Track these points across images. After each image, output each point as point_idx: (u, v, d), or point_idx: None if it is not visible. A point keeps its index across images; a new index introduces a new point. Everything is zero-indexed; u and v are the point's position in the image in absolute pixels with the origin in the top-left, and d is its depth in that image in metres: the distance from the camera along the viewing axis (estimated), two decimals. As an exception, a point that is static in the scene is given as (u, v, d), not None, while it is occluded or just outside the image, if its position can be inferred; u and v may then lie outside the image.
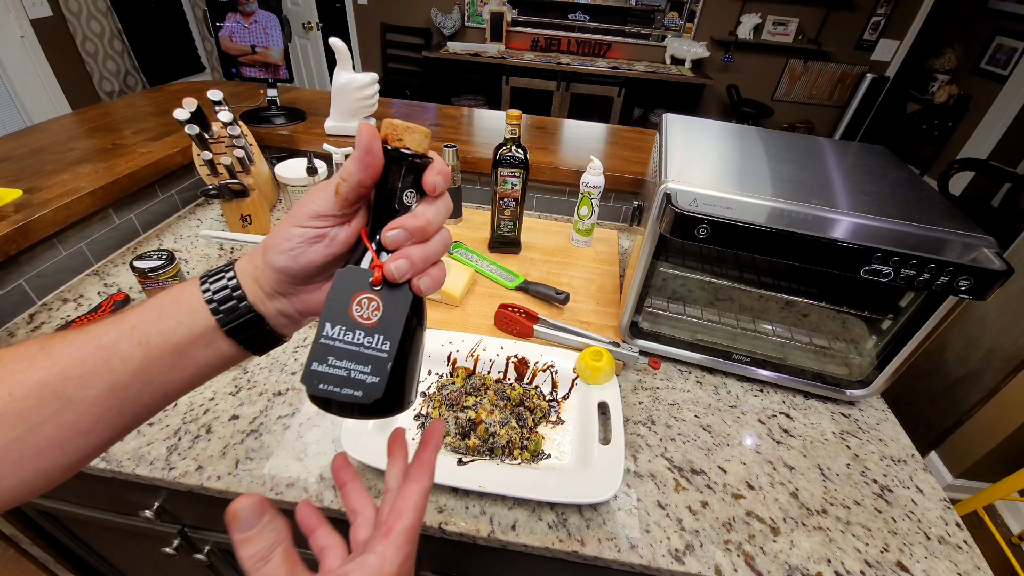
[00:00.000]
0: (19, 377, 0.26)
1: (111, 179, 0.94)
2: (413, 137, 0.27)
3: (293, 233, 0.28)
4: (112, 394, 0.27)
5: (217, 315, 0.29)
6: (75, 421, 0.26)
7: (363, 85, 1.19)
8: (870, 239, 0.60)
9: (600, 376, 0.71)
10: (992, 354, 1.59)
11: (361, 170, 0.27)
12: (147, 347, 0.27)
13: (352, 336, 0.27)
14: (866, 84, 3.77)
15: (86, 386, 0.26)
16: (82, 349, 0.27)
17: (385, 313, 0.27)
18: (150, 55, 3.01)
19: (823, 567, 0.57)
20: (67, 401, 0.26)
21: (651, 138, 1.41)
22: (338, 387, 0.27)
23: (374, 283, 0.27)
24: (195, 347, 0.28)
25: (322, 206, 0.28)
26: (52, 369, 0.26)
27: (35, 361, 0.26)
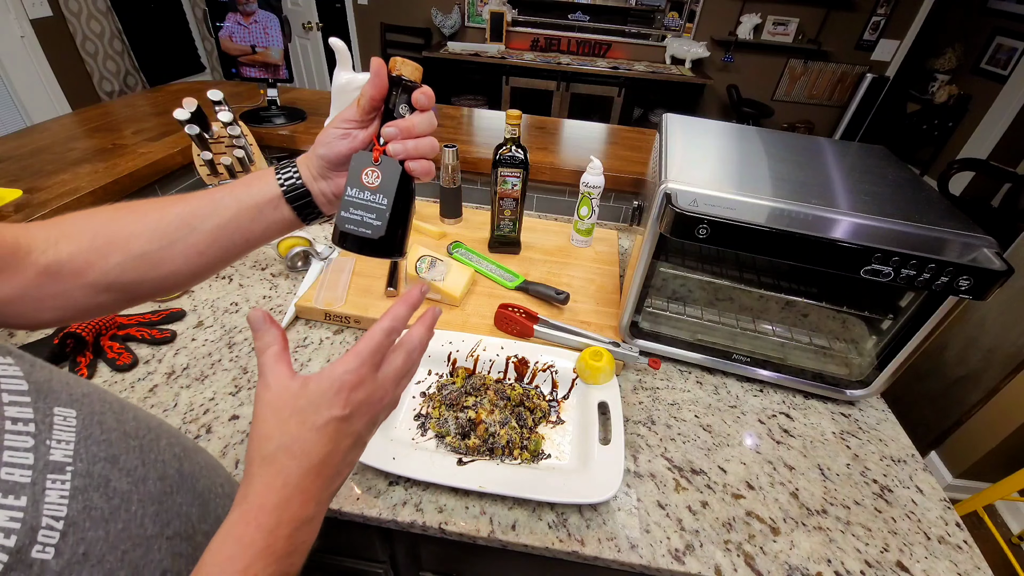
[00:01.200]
0: (167, 209, 0.40)
1: (111, 179, 0.94)
2: (407, 68, 0.40)
3: (331, 132, 0.42)
4: (217, 230, 0.41)
5: (282, 187, 0.42)
6: (196, 243, 0.40)
7: (363, 85, 1.19)
8: (870, 239, 0.60)
9: (600, 376, 0.71)
10: (992, 354, 1.59)
11: (371, 87, 0.39)
12: (239, 202, 0.41)
13: (363, 194, 0.40)
14: (866, 84, 3.77)
15: (205, 221, 0.40)
16: (204, 199, 0.41)
17: (383, 180, 0.40)
18: (150, 55, 3.00)
19: (823, 567, 0.57)
20: (192, 229, 0.40)
21: (651, 138, 1.41)
22: (355, 227, 0.41)
23: (374, 160, 0.40)
24: (268, 207, 0.42)
25: (349, 114, 0.41)
26: (186, 207, 0.40)
27: (176, 202, 0.41)
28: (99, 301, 0.40)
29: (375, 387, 0.35)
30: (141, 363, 0.75)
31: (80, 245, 0.38)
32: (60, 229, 0.39)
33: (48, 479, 0.27)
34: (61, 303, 0.39)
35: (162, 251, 0.40)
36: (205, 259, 0.41)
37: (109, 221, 0.40)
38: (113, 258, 0.39)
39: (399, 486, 0.61)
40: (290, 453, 0.31)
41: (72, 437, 0.30)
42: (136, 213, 0.40)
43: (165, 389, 0.71)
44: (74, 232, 0.39)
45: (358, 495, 0.60)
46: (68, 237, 0.38)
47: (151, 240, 0.39)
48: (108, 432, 0.33)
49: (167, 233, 0.40)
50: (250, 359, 0.77)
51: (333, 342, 0.82)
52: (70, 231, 0.39)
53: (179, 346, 0.79)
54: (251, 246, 0.43)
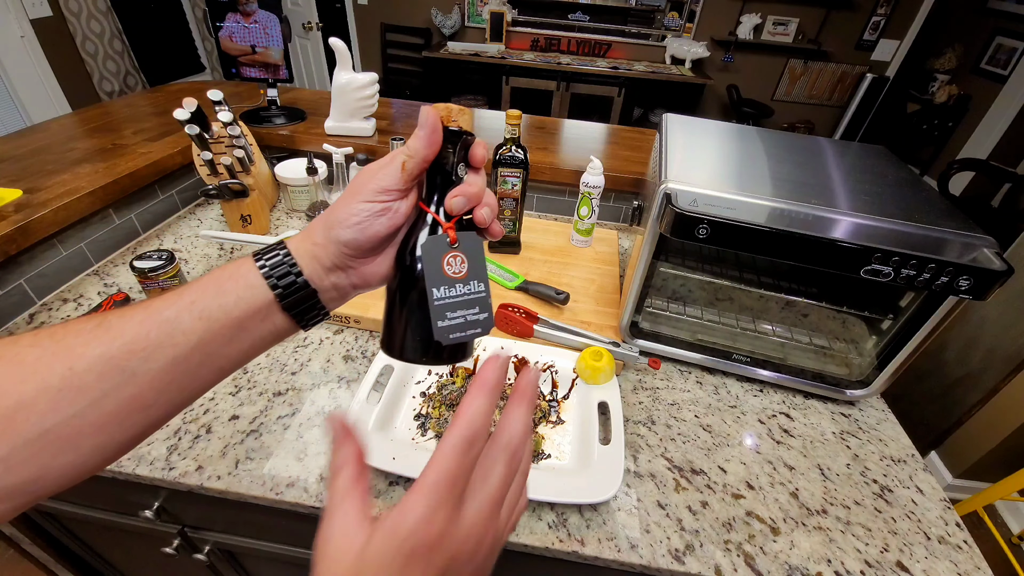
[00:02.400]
0: (80, 351, 0.26)
1: (111, 179, 0.94)
2: (464, 118, 0.33)
3: (361, 208, 0.31)
4: (174, 367, 0.28)
5: (276, 290, 0.30)
6: (136, 395, 0.27)
7: (363, 85, 1.19)
8: (870, 239, 0.60)
9: (600, 376, 0.71)
10: (992, 354, 1.59)
11: (426, 147, 0.31)
12: (208, 321, 0.28)
13: (455, 290, 0.32)
14: (866, 84, 3.77)
15: (149, 359, 0.27)
16: (145, 323, 0.27)
17: (470, 262, 0.32)
18: (150, 55, 3.00)
19: (823, 567, 0.57)
20: (130, 375, 0.26)
21: (651, 138, 1.41)
22: (463, 332, 0.32)
23: (451, 243, 0.32)
24: (252, 321, 0.30)
25: (389, 182, 0.31)
26: (115, 343, 0.26)
27: (95, 336, 0.26)
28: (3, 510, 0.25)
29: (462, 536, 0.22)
30: (141, 363, 0.75)
31: None
32: None
33: None
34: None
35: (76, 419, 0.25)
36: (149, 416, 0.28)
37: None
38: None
39: (399, 486, 0.61)
40: None
41: None
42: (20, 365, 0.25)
43: (165, 389, 0.71)
44: None
45: (358, 495, 0.60)
46: None
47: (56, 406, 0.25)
48: None
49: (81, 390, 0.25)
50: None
51: (333, 342, 0.82)
52: None
53: (179, 346, 0.79)
54: (223, 376, 0.31)
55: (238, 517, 0.71)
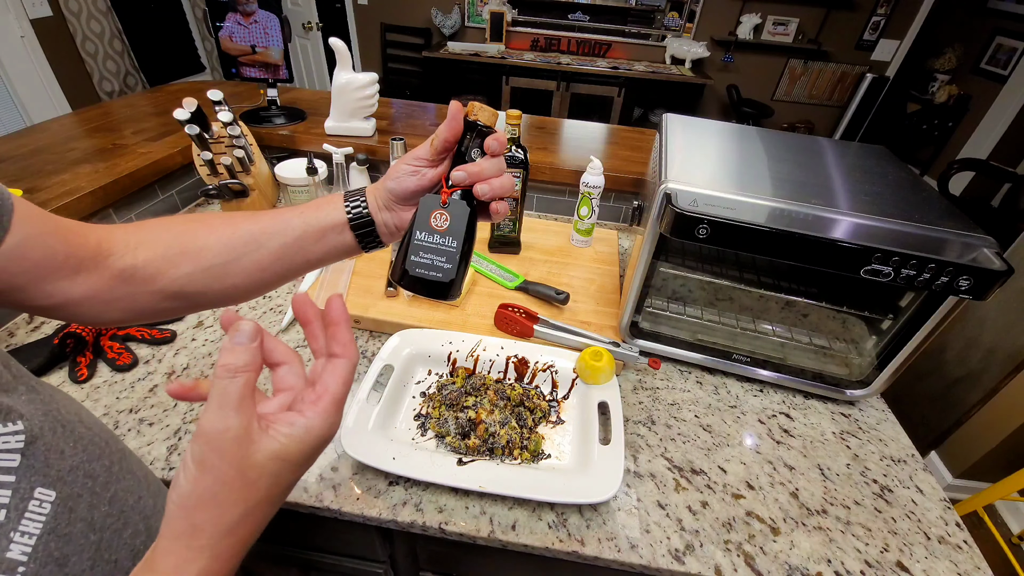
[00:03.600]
0: (240, 225, 0.42)
1: (111, 179, 0.94)
2: (484, 113, 0.40)
3: (402, 168, 0.43)
4: (283, 248, 0.42)
5: (349, 214, 0.43)
6: (260, 259, 0.42)
7: (363, 85, 1.19)
8: (870, 239, 0.60)
9: (600, 376, 0.71)
10: (992, 354, 1.59)
11: (447, 130, 0.40)
12: (306, 224, 0.43)
13: (432, 238, 0.40)
14: (866, 84, 3.77)
15: (272, 239, 0.42)
16: (274, 218, 0.43)
17: (451, 223, 0.40)
18: (150, 55, 3.00)
19: (823, 567, 0.57)
20: (259, 246, 0.42)
21: (651, 138, 1.41)
22: (425, 271, 0.41)
23: (443, 203, 0.40)
24: (332, 232, 0.43)
25: (421, 152, 0.42)
26: (256, 225, 0.42)
27: (247, 219, 0.42)
28: (163, 307, 0.41)
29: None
30: (141, 363, 0.75)
31: (155, 252, 0.40)
32: (139, 235, 0.40)
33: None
34: (127, 305, 0.40)
35: (228, 265, 0.41)
36: (266, 275, 0.43)
37: (184, 232, 0.41)
38: (183, 268, 0.40)
39: (399, 486, 0.61)
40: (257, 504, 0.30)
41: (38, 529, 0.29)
42: (209, 226, 0.42)
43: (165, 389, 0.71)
44: (151, 240, 0.40)
45: (358, 495, 0.60)
46: (145, 244, 0.40)
47: (220, 253, 0.41)
48: (74, 523, 0.32)
49: (236, 247, 0.41)
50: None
51: (333, 342, 0.82)
52: (147, 238, 0.40)
53: (179, 346, 0.79)
54: (310, 267, 0.45)
55: (238, 517, 0.71)
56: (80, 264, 0.37)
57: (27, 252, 0.34)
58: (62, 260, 0.36)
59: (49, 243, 0.36)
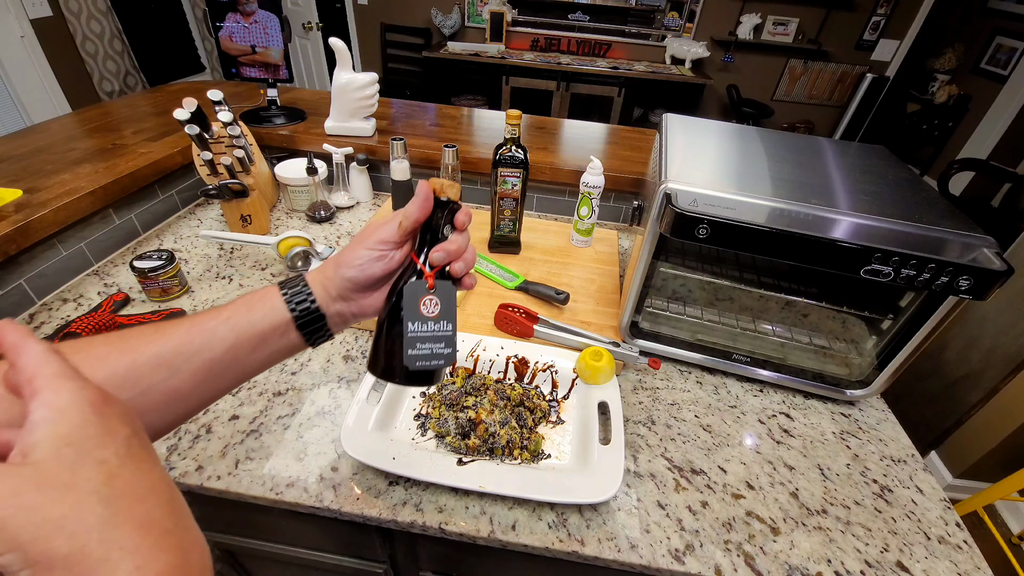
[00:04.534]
0: (141, 350, 0.33)
1: (111, 179, 0.94)
2: (453, 190, 0.40)
3: (363, 254, 0.39)
4: (208, 367, 0.35)
5: (293, 312, 0.38)
6: (178, 387, 0.34)
7: (363, 85, 1.19)
8: (870, 239, 0.60)
9: (600, 376, 0.71)
10: (992, 354, 1.59)
11: (418, 210, 0.39)
12: (238, 332, 0.36)
13: (426, 326, 0.39)
14: (866, 84, 3.77)
15: (190, 360, 0.34)
16: (191, 331, 0.35)
17: (442, 305, 0.39)
18: (150, 55, 3.00)
19: (823, 567, 0.57)
20: (175, 371, 0.34)
21: (651, 138, 1.41)
22: (427, 361, 0.39)
23: (429, 288, 0.39)
24: (273, 336, 0.38)
25: (387, 235, 0.39)
26: (167, 345, 0.34)
27: (153, 338, 0.34)
28: None
29: None
30: (141, 363, 0.75)
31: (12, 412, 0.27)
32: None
33: None
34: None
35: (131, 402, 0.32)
36: (184, 405, 0.36)
37: None
38: None
39: (399, 486, 0.61)
40: None
41: None
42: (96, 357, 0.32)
43: (165, 389, 0.71)
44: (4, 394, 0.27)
45: (358, 495, 0.60)
46: None
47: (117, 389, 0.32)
48: None
49: (139, 379, 0.33)
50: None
51: (333, 342, 0.82)
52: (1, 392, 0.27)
53: (179, 346, 0.79)
54: (243, 380, 0.39)
55: (238, 517, 0.71)
56: None
57: None
58: None
59: None
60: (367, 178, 1.22)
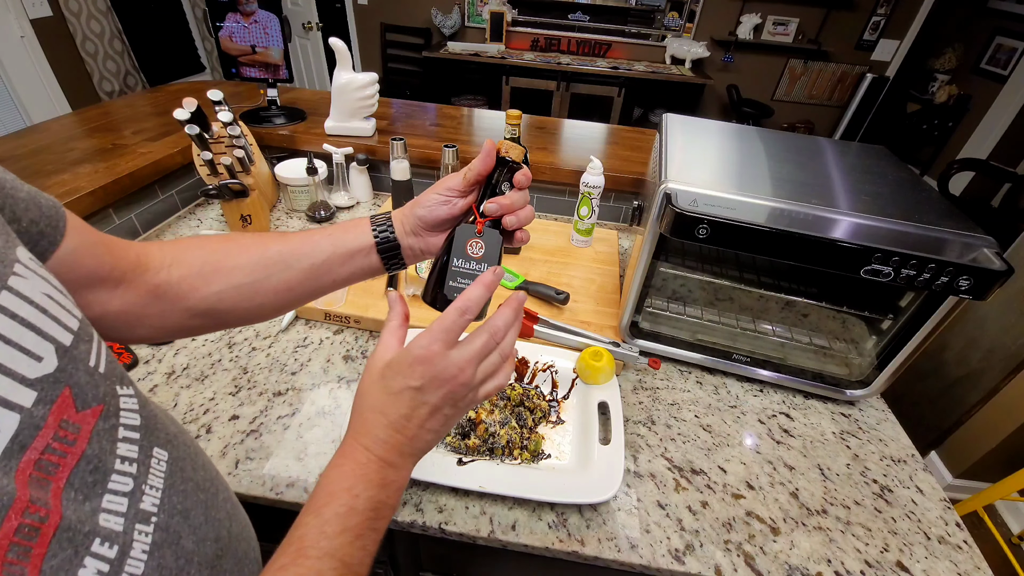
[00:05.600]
0: (269, 245, 0.44)
1: (111, 179, 0.94)
2: (514, 151, 0.43)
3: (433, 197, 0.45)
4: (311, 269, 0.44)
5: (376, 238, 0.45)
6: (289, 279, 0.44)
7: (363, 85, 1.19)
8: (870, 239, 0.60)
9: (600, 376, 0.71)
10: (992, 354, 1.59)
11: (481, 164, 0.43)
12: (335, 246, 0.44)
13: (468, 264, 0.43)
14: (866, 84, 3.77)
15: (301, 260, 0.44)
16: (303, 239, 0.45)
17: (486, 250, 0.43)
18: (150, 55, 3.00)
19: (823, 567, 0.57)
20: (288, 266, 0.43)
21: (651, 138, 1.41)
22: None
23: (478, 232, 0.43)
24: (359, 255, 0.45)
25: (453, 183, 0.44)
26: (286, 246, 0.44)
27: (278, 241, 0.44)
28: (191, 324, 0.43)
29: (446, 364, 0.35)
30: (141, 363, 0.75)
31: (190, 270, 0.41)
32: (173, 253, 0.42)
33: (136, 529, 0.27)
34: (158, 322, 0.41)
35: (258, 284, 0.43)
36: (293, 295, 0.45)
37: (217, 251, 0.43)
38: (215, 285, 0.42)
39: (399, 486, 0.61)
40: (374, 410, 0.36)
41: (161, 484, 0.30)
42: (241, 246, 0.44)
43: (165, 389, 0.71)
44: (185, 257, 0.42)
45: (358, 495, 0.60)
46: (179, 262, 0.41)
47: (251, 272, 0.43)
48: (186, 482, 0.33)
49: (266, 267, 0.43)
50: (250, 359, 0.77)
51: (333, 342, 0.82)
52: (182, 256, 0.42)
53: (179, 346, 0.79)
54: (336, 287, 0.46)
55: (238, 517, 0.71)
56: (122, 276, 0.38)
57: (80, 259, 0.35)
58: (108, 271, 0.37)
59: (98, 252, 0.37)
60: (367, 178, 1.22)
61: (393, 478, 0.36)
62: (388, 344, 0.38)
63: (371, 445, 0.36)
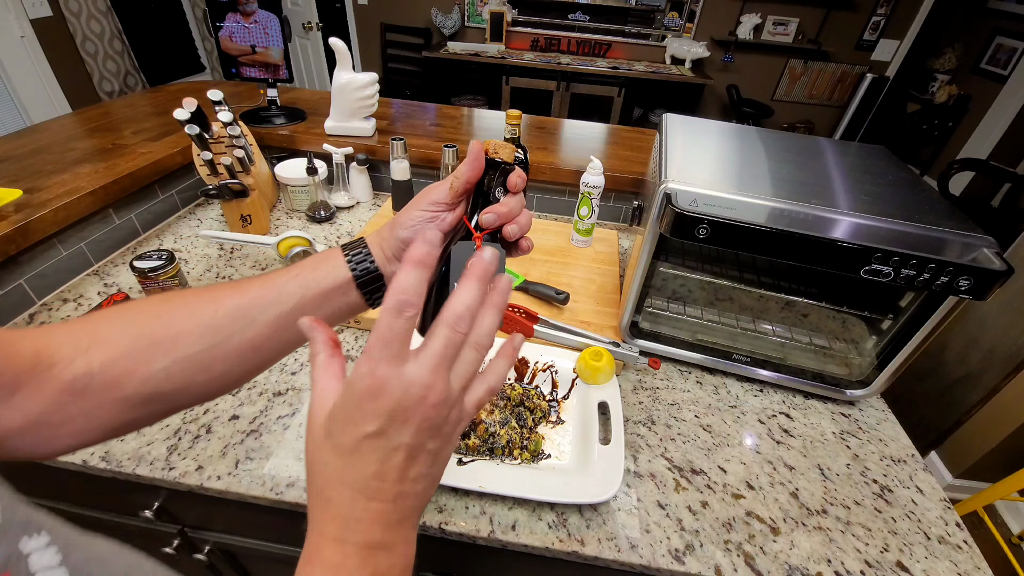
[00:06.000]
0: (222, 300, 0.36)
1: (111, 179, 0.94)
2: (505, 150, 0.38)
3: (416, 215, 0.39)
4: (278, 320, 0.36)
5: (354, 271, 0.39)
6: (253, 337, 0.36)
7: (363, 85, 1.19)
8: (870, 239, 0.60)
9: (600, 376, 0.71)
10: (992, 354, 1.59)
11: (470, 170, 0.38)
12: (305, 288, 0.37)
13: None
14: (866, 84, 3.77)
15: (265, 311, 0.36)
16: (264, 286, 0.37)
17: None
18: (150, 55, 3.00)
19: (823, 567, 0.57)
20: (250, 321, 0.36)
21: (651, 138, 1.41)
22: None
23: (477, 248, 0.37)
24: (336, 293, 0.38)
25: (439, 196, 0.39)
26: (243, 297, 0.36)
27: (233, 292, 0.36)
28: (132, 417, 0.34)
29: (404, 385, 0.26)
30: (141, 363, 0.75)
31: (117, 351, 0.32)
32: (91, 332, 0.33)
33: None
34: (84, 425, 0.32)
35: (214, 349, 0.35)
36: (261, 355, 0.37)
37: (152, 318, 0.35)
38: (157, 363, 0.33)
39: (399, 486, 0.61)
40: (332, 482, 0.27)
41: None
42: (184, 306, 0.36)
43: (165, 389, 0.71)
44: (109, 335, 0.33)
45: (358, 495, 0.60)
46: (102, 342, 0.32)
47: (202, 337, 0.34)
48: None
49: (221, 328, 0.35)
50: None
51: (333, 342, 0.82)
52: (104, 334, 0.33)
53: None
54: None
55: (238, 517, 0.71)
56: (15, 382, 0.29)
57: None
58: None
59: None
60: (367, 178, 1.22)
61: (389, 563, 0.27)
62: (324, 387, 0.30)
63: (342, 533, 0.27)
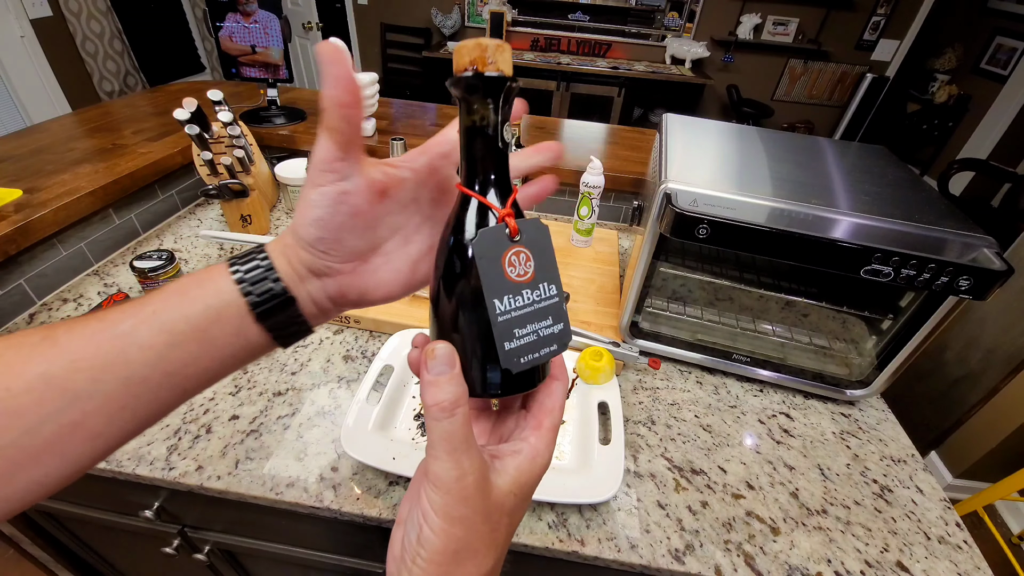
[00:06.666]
0: (18, 370, 0.21)
1: (111, 179, 0.94)
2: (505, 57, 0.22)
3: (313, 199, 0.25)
4: (127, 390, 0.23)
5: (248, 296, 0.25)
6: (81, 421, 0.22)
7: (363, 85, 1.19)
8: (870, 239, 0.60)
9: (600, 376, 0.71)
10: (992, 354, 1.59)
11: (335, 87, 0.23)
12: (170, 334, 0.23)
13: (522, 299, 0.24)
14: (866, 84, 3.77)
15: (98, 380, 0.22)
16: (95, 338, 0.23)
17: (537, 257, 0.24)
18: (150, 55, 3.01)
19: (823, 567, 0.57)
20: (73, 398, 0.22)
21: (651, 138, 1.41)
22: (536, 352, 0.24)
23: (512, 236, 0.23)
24: (222, 334, 0.24)
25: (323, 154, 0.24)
26: (58, 361, 0.22)
27: (37, 351, 0.22)
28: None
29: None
30: (141, 363, 0.75)
31: None
32: None
33: None
34: None
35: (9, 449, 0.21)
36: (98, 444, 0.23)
37: None
38: None
39: (399, 486, 0.61)
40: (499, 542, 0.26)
41: None
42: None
43: (165, 389, 0.71)
44: None
45: (358, 495, 0.60)
46: None
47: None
48: None
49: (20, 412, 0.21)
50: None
51: (333, 342, 0.82)
52: None
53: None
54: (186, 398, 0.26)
55: (238, 517, 0.71)
56: None
57: None
58: None
59: None
60: (367, 178, 1.22)
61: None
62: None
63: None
